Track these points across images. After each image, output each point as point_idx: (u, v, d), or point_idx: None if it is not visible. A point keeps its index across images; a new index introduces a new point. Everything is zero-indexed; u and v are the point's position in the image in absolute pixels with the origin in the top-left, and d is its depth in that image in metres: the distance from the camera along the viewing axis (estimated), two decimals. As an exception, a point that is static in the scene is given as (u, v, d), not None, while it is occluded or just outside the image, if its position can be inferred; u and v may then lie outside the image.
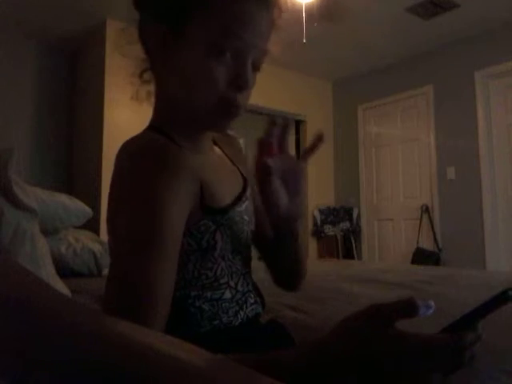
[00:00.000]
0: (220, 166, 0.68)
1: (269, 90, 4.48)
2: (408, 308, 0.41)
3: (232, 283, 0.62)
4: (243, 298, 0.64)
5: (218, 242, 0.59)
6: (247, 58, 0.57)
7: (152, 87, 0.66)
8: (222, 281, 0.60)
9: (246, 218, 0.66)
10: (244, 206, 0.66)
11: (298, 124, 5.13)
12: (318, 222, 4.91)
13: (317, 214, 4.93)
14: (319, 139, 0.60)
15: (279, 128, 0.58)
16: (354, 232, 4.86)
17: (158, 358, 0.26)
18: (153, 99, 0.66)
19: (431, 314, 0.41)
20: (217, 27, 0.55)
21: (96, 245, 1.93)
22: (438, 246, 4.11)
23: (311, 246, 4.99)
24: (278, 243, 0.65)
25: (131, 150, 0.54)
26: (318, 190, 5.06)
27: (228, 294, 0.61)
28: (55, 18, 3.62)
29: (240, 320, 0.62)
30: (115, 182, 0.55)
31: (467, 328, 0.41)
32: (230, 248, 0.61)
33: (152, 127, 0.63)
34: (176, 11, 0.57)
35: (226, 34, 0.55)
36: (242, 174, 0.72)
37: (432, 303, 0.42)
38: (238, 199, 0.65)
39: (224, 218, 0.60)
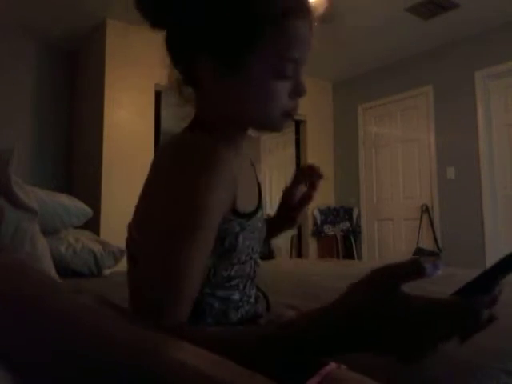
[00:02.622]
0: (247, 169, 0.72)
1: (269, 90, 4.48)
2: (414, 268, 0.40)
3: (241, 286, 0.65)
4: (251, 301, 0.67)
5: (239, 245, 0.62)
6: (301, 72, 0.63)
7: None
8: (233, 282, 0.63)
9: (259, 224, 0.69)
10: (261, 212, 0.69)
11: (298, 124, 5.13)
12: (318, 221, 4.91)
13: (317, 213, 4.93)
14: (319, 176, 0.83)
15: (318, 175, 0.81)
16: (354, 232, 4.86)
17: (185, 369, 0.27)
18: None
19: (439, 274, 0.39)
20: (278, 54, 0.59)
21: (96, 245, 1.93)
22: (438, 246, 4.11)
23: (311, 246, 4.99)
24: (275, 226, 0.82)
25: (179, 150, 0.57)
26: (318, 189, 5.06)
27: (237, 296, 0.64)
28: (55, 18, 3.62)
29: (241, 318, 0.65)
30: (160, 180, 0.57)
31: (481, 291, 0.39)
32: (246, 252, 0.64)
33: (194, 126, 0.65)
34: (235, 47, 0.59)
35: (289, 60, 0.60)
36: (256, 178, 0.75)
37: (440, 263, 0.40)
38: (259, 205, 0.69)
39: (248, 222, 0.63)
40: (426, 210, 4.28)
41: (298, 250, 5.13)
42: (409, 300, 0.40)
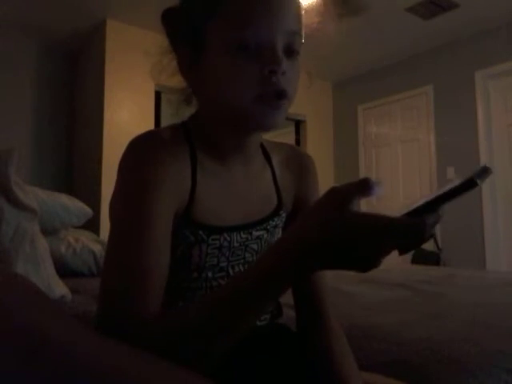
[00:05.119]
0: (242, 184, 0.63)
1: (269, 90, 4.47)
2: (362, 186, 0.41)
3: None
4: None
5: (194, 258, 0.57)
6: (274, 42, 0.52)
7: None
8: (198, 293, 0.59)
9: (254, 247, 0.63)
10: (257, 234, 0.62)
11: (298, 124, 5.13)
12: (318, 221, 4.90)
13: (317, 214, 4.92)
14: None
15: None
16: (354, 232, 4.85)
17: None
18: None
19: (382, 193, 0.41)
20: (231, 24, 0.52)
21: (96, 245, 1.93)
22: (438, 246, 4.11)
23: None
24: None
25: (130, 142, 0.57)
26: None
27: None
28: (55, 18, 3.62)
29: None
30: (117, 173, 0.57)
31: (430, 211, 0.41)
32: (212, 268, 0.59)
33: (182, 123, 0.62)
34: (191, 30, 0.55)
35: (247, 25, 0.51)
36: (279, 202, 0.66)
37: (381, 184, 0.42)
38: (248, 226, 0.61)
39: (210, 237, 0.58)
40: (426, 210, 4.28)
41: (298, 250, 5.12)
42: (362, 218, 0.40)
